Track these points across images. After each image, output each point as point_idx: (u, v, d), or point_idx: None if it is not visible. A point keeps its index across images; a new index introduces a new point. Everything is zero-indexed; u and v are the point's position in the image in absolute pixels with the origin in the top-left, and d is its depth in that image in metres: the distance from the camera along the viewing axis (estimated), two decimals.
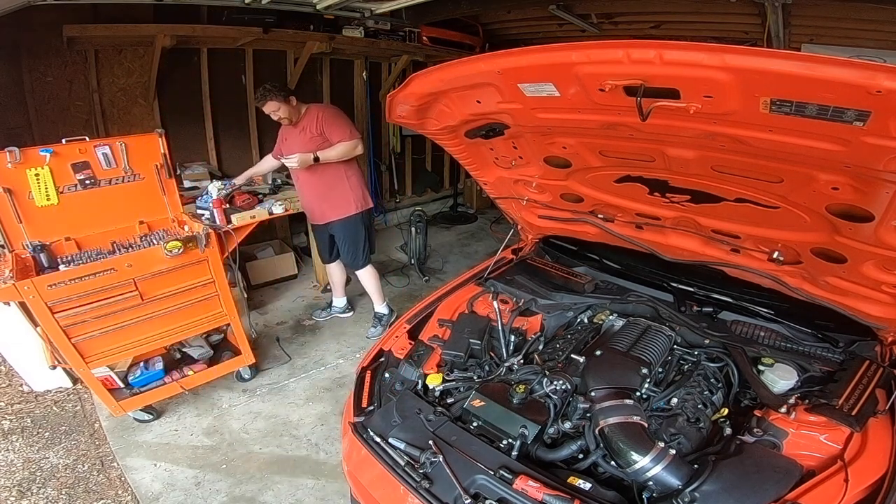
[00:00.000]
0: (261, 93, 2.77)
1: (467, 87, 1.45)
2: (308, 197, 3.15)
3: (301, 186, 3.15)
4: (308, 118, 2.91)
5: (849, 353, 1.57)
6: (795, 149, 1.08)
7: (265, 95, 2.75)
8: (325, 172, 3.01)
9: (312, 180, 3.05)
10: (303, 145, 2.90)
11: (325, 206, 3.14)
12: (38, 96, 3.27)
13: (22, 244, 2.29)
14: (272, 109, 2.81)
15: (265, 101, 2.77)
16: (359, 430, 1.44)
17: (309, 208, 3.22)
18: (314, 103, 3.02)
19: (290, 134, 2.98)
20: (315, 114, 2.91)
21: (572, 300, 1.98)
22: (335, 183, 3.08)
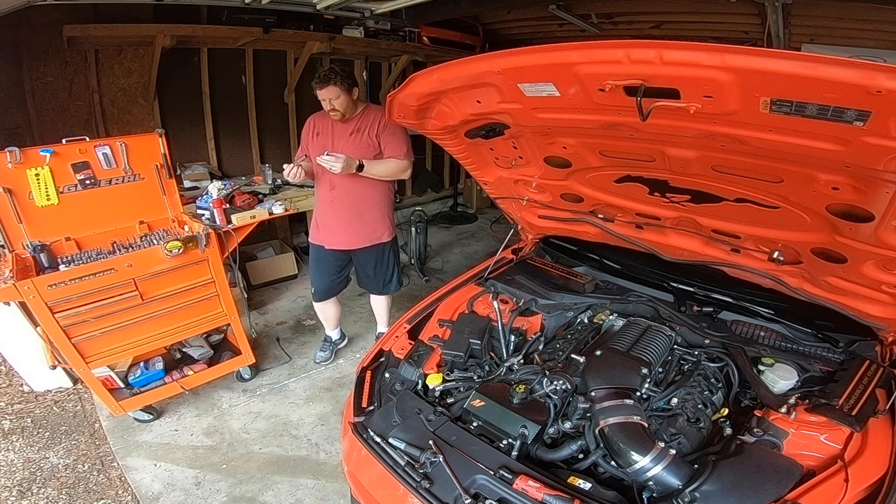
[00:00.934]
0: (324, 74, 2.32)
1: (467, 87, 1.45)
2: (332, 215, 2.62)
3: (326, 201, 2.60)
4: (365, 119, 2.49)
5: (849, 353, 1.57)
6: (795, 149, 1.08)
7: (329, 78, 2.31)
8: (364, 189, 2.55)
9: (346, 196, 2.56)
10: (353, 149, 2.44)
11: (356, 228, 2.64)
12: (38, 96, 3.27)
13: (22, 244, 2.29)
14: (330, 96, 2.35)
15: (327, 84, 2.31)
16: (359, 430, 1.44)
17: (329, 229, 2.66)
18: (372, 103, 2.62)
19: (339, 131, 2.50)
20: (375, 116, 2.50)
21: (572, 300, 1.98)
22: (373, 204, 2.62)
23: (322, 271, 2.82)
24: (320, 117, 2.55)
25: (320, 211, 2.68)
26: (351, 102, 2.43)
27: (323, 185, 2.59)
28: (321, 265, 2.80)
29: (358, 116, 2.50)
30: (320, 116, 2.54)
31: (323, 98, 2.37)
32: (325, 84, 2.33)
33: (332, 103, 2.37)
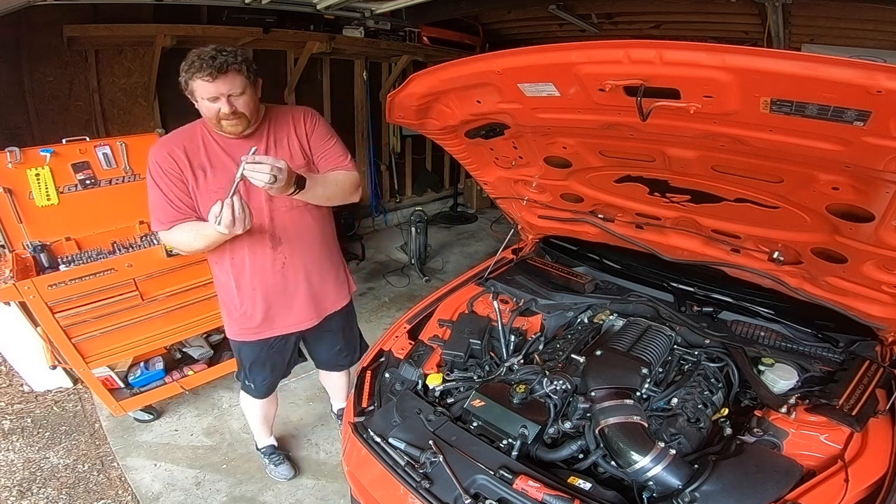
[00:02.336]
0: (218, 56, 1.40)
1: (467, 87, 1.45)
2: (285, 285, 1.77)
3: (269, 268, 1.72)
4: (276, 125, 1.66)
5: (849, 353, 1.57)
6: (796, 149, 1.08)
7: (228, 63, 1.41)
8: (316, 227, 1.79)
9: (300, 249, 1.75)
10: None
11: (324, 290, 1.89)
12: (38, 96, 3.27)
13: (22, 244, 2.30)
14: (231, 90, 1.45)
15: (225, 71, 1.41)
16: (359, 430, 1.44)
17: (284, 306, 1.81)
18: (269, 103, 1.70)
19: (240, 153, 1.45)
20: (290, 118, 1.69)
21: (572, 300, 1.98)
22: (333, 247, 1.92)
23: (267, 368, 1.97)
24: (190, 144, 1.57)
25: (261, 286, 1.74)
26: (257, 103, 1.57)
27: (258, 246, 1.67)
28: (267, 362, 1.94)
29: (266, 125, 1.64)
30: (188, 142, 1.57)
31: (213, 95, 1.44)
32: (221, 72, 1.40)
33: (234, 103, 1.47)
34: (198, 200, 1.60)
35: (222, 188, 1.49)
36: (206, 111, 1.49)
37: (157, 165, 1.56)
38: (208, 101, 1.46)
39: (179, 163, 1.56)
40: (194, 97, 1.48)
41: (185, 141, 1.58)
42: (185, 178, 1.57)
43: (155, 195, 1.58)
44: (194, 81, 1.43)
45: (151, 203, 1.60)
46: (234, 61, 1.43)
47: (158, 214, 1.60)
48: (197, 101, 1.48)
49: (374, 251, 5.06)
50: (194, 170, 1.57)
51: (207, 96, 1.45)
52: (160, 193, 1.56)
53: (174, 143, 1.58)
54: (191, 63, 1.42)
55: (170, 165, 1.55)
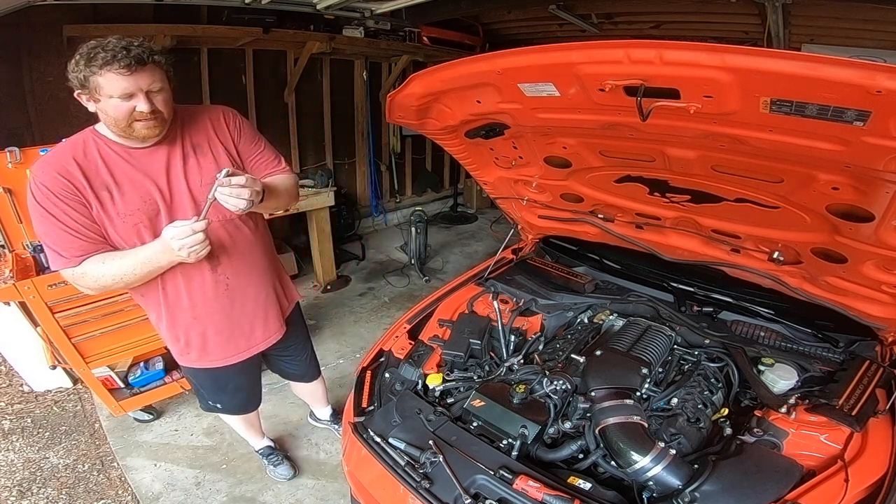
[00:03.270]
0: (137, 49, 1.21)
1: (467, 87, 1.45)
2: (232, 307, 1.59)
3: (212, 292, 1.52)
4: (192, 128, 1.45)
5: (849, 353, 1.57)
6: (796, 149, 1.08)
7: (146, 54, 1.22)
8: (258, 238, 1.62)
9: (245, 265, 1.58)
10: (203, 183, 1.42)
11: (276, 304, 1.74)
12: (38, 96, 3.27)
13: (22, 244, 2.30)
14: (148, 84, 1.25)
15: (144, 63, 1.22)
16: (359, 430, 1.44)
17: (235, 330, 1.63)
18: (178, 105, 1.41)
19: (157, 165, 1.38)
20: (206, 119, 1.49)
21: (572, 300, 1.98)
22: (273, 255, 1.75)
23: (230, 391, 1.82)
24: (83, 159, 1.31)
25: (204, 313, 1.54)
26: (173, 102, 1.35)
27: (195, 270, 1.47)
28: (228, 386, 1.80)
29: (177, 129, 1.42)
30: (81, 158, 1.31)
31: (130, 91, 1.22)
32: (140, 63, 1.21)
33: (154, 100, 1.27)
34: (105, 227, 1.34)
35: (136, 210, 1.34)
36: (114, 111, 1.24)
37: (44, 189, 1.25)
38: (120, 98, 1.22)
39: (76, 182, 1.28)
40: (97, 95, 1.23)
41: (75, 156, 1.30)
42: (86, 202, 1.29)
43: (48, 226, 1.27)
44: (103, 76, 1.19)
45: (46, 235, 1.29)
46: (153, 52, 1.24)
47: (59, 248, 1.29)
48: (100, 99, 1.23)
49: (374, 251, 5.06)
50: (96, 191, 1.30)
51: (120, 93, 1.21)
52: (56, 223, 1.27)
53: (62, 161, 1.28)
54: (95, 54, 1.19)
55: (62, 187, 1.26)
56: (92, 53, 1.20)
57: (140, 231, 1.36)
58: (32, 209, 1.29)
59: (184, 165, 1.40)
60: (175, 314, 1.53)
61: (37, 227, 1.32)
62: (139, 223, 1.35)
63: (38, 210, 1.28)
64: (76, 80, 1.24)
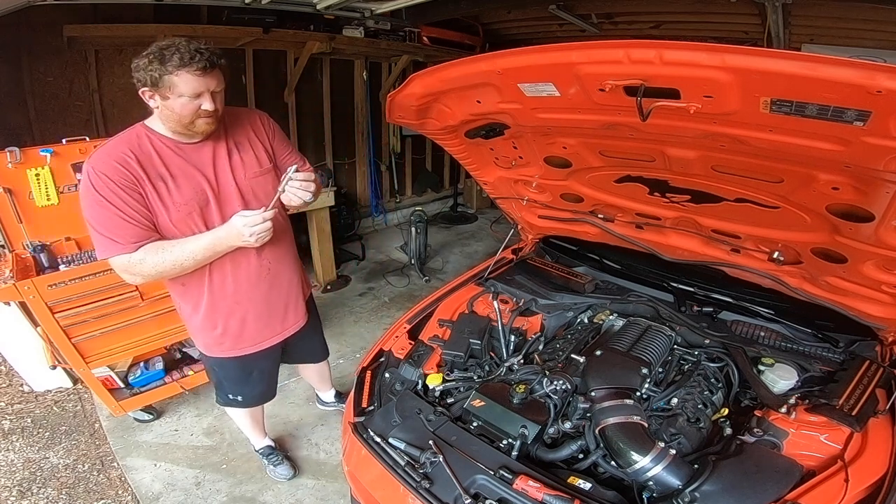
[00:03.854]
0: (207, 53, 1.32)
1: (467, 87, 1.45)
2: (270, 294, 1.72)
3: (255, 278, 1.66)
4: (235, 125, 1.59)
5: (849, 353, 1.57)
6: (796, 149, 1.08)
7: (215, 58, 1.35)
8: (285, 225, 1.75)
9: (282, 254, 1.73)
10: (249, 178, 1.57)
11: (301, 293, 1.87)
12: (38, 96, 3.27)
13: (22, 244, 2.30)
14: (214, 86, 1.37)
15: (213, 67, 1.35)
16: (359, 430, 1.44)
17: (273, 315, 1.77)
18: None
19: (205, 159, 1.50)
20: (244, 118, 1.63)
21: (572, 300, 1.98)
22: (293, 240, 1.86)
23: (254, 379, 1.90)
24: (139, 152, 1.40)
25: (246, 298, 1.66)
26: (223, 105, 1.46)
27: (242, 256, 1.60)
28: (253, 373, 1.87)
29: (221, 127, 1.53)
30: (137, 150, 1.40)
31: (200, 90, 1.34)
32: (212, 66, 1.34)
33: (214, 100, 1.38)
34: (158, 215, 1.43)
35: (190, 200, 1.45)
36: (182, 109, 1.35)
37: (104, 178, 1.33)
38: (189, 97, 1.33)
39: (133, 172, 1.36)
40: (168, 93, 1.32)
41: (131, 148, 1.39)
42: (143, 191, 1.39)
43: (105, 213, 1.35)
44: (178, 76, 1.29)
45: (101, 223, 1.36)
46: (219, 56, 1.36)
47: (116, 234, 1.36)
48: (170, 97, 1.33)
49: (374, 251, 5.06)
50: (153, 181, 1.40)
51: (192, 92, 1.32)
52: (114, 210, 1.35)
53: (121, 151, 1.37)
54: (170, 55, 1.28)
55: (122, 176, 1.35)
56: (167, 55, 1.29)
57: (193, 218, 1.47)
58: (88, 197, 1.35)
59: (229, 160, 1.53)
60: (217, 301, 1.63)
61: (91, 214, 1.37)
62: (192, 211, 1.46)
63: (94, 198, 1.34)
64: (147, 78, 1.31)
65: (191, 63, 1.29)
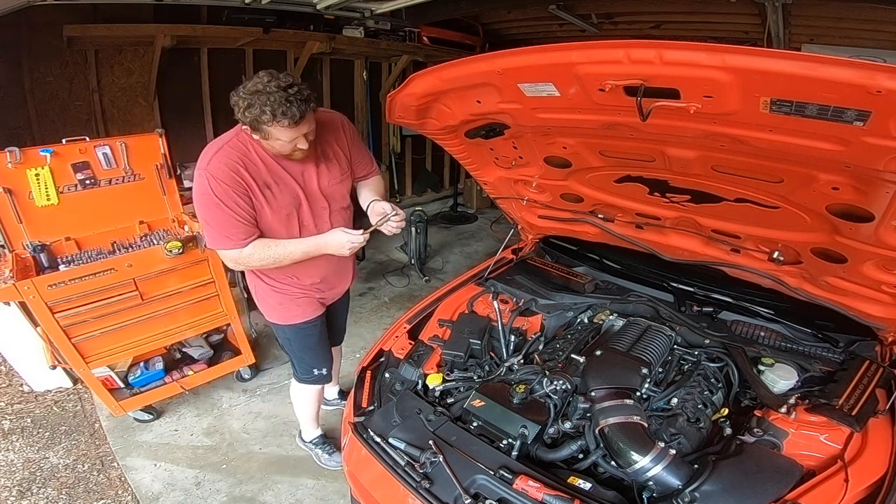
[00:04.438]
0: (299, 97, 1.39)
1: (467, 87, 1.45)
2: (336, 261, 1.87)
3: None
4: (323, 140, 1.69)
5: (849, 353, 1.57)
6: (795, 149, 1.08)
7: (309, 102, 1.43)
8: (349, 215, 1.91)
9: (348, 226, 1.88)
10: (334, 185, 1.75)
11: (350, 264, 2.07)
12: (38, 96, 3.27)
13: (22, 244, 2.29)
14: (309, 129, 1.50)
15: (307, 113, 1.43)
16: (359, 430, 1.44)
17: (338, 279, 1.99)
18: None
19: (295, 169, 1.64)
20: (327, 125, 1.70)
21: (572, 300, 1.98)
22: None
23: (326, 345, 2.06)
24: (247, 161, 1.55)
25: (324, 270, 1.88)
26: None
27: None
28: (322, 337, 2.02)
29: (321, 135, 1.67)
30: (245, 159, 1.55)
31: (294, 137, 1.47)
32: (304, 115, 1.42)
33: (308, 138, 1.51)
34: (260, 215, 1.62)
35: (288, 203, 1.66)
36: (280, 147, 1.51)
37: (219, 183, 1.51)
38: (285, 142, 1.48)
39: (245, 179, 1.55)
40: (266, 137, 1.47)
41: (241, 157, 1.55)
42: (252, 195, 1.57)
43: (220, 213, 1.54)
44: (273, 127, 1.42)
45: (216, 222, 1.56)
46: (310, 102, 1.44)
47: (230, 232, 1.57)
48: (268, 139, 1.48)
49: (374, 251, 5.05)
50: (260, 187, 1.58)
51: (287, 139, 1.47)
52: (228, 211, 1.53)
53: (233, 159, 1.54)
54: (262, 107, 1.37)
55: (234, 182, 1.53)
56: (261, 109, 1.38)
57: (290, 219, 1.69)
58: (206, 199, 1.54)
59: (316, 170, 1.70)
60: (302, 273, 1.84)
61: (208, 214, 1.56)
62: (289, 213, 1.68)
63: (212, 201, 1.53)
64: (247, 122, 1.44)
65: (282, 118, 1.39)
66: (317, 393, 2.23)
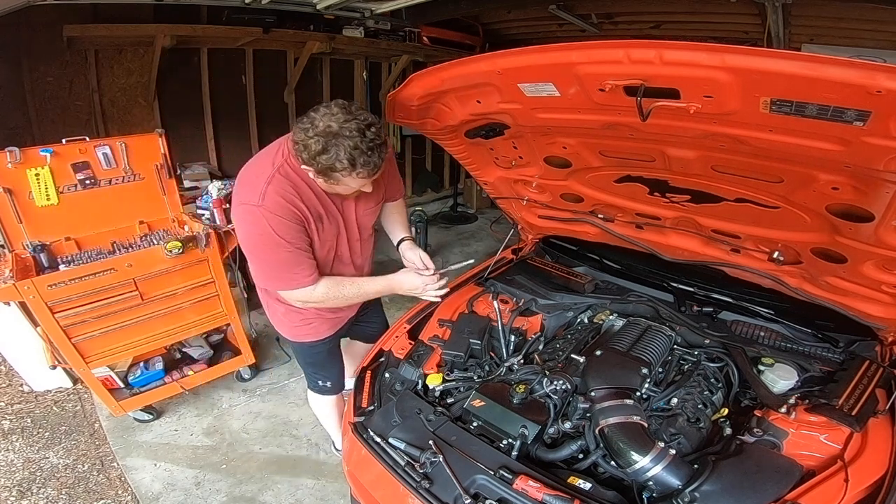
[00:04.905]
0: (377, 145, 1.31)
1: (467, 87, 1.45)
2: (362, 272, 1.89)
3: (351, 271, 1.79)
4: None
5: (849, 353, 1.57)
6: (795, 149, 1.08)
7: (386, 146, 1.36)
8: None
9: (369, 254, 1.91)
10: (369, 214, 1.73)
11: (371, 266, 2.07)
12: (38, 96, 3.28)
13: (22, 244, 2.29)
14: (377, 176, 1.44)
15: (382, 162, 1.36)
16: (359, 430, 1.44)
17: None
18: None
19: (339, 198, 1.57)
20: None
21: (572, 300, 1.98)
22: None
23: (334, 360, 2.02)
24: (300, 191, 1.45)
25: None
26: None
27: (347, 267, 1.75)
28: (331, 354, 1.99)
29: None
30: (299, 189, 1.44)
31: (364, 185, 1.42)
32: (377, 169, 1.36)
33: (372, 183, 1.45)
34: (318, 241, 1.54)
35: (333, 233, 1.59)
36: (342, 191, 1.44)
37: (279, 218, 1.39)
38: (355, 187, 1.42)
39: (301, 210, 1.44)
40: (333, 182, 1.36)
41: (294, 187, 1.43)
42: (308, 226, 1.48)
43: (286, 253, 1.42)
44: (348, 177, 1.32)
45: (280, 262, 1.45)
46: (386, 143, 1.36)
47: (296, 271, 1.47)
48: (333, 184, 1.39)
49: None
50: (314, 220, 1.49)
51: (358, 186, 1.41)
52: (292, 248, 1.43)
53: (287, 191, 1.41)
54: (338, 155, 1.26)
55: (293, 215, 1.42)
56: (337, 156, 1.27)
57: (329, 251, 1.62)
58: (265, 240, 1.40)
59: (356, 200, 1.63)
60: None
61: (270, 255, 1.44)
62: (332, 242, 1.61)
63: (272, 240, 1.40)
64: (317, 167, 1.32)
65: (363, 168, 1.30)
66: (333, 402, 2.13)
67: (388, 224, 1.93)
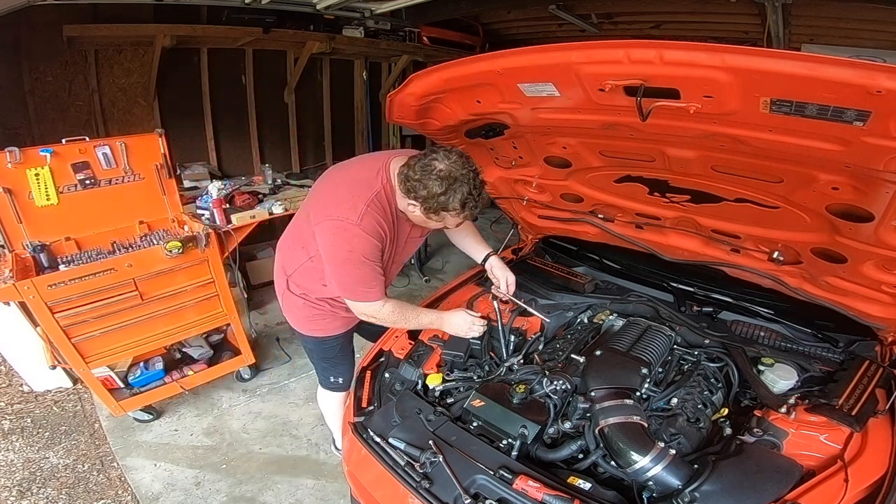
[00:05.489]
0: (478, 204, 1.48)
1: (467, 87, 1.45)
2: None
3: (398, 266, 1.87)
4: None
5: (849, 353, 1.57)
6: (795, 149, 1.08)
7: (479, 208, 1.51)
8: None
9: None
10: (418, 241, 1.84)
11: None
12: (38, 96, 3.27)
13: (22, 244, 2.29)
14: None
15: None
16: (359, 430, 1.44)
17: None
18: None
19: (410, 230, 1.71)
20: None
21: (572, 300, 1.98)
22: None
23: (346, 357, 2.06)
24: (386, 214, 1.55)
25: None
26: None
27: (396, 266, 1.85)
28: (343, 350, 2.03)
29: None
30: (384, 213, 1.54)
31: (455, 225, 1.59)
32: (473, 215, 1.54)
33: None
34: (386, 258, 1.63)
35: (388, 258, 1.66)
36: (433, 224, 1.57)
37: (370, 240, 1.50)
38: (447, 225, 1.56)
39: (385, 234, 1.55)
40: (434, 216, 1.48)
41: (384, 213, 1.53)
42: (384, 250, 1.58)
43: (368, 270, 1.53)
44: (453, 216, 1.47)
45: (361, 277, 1.54)
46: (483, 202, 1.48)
47: (371, 286, 1.57)
48: (431, 219, 1.49)
49: None
50: (389, 242, 1.60)
51: (453, 224, 1.56)
52: (374, 266, 1.53)
53: (380, 215, 1.52)
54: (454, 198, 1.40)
55: (381, 238, 1.53)
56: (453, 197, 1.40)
57: (384, 268, 1.64)
58: (354, 256, 1.50)
59: (411, 228, 1.70)
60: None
61: (354, 270, 1.53)
62: (387, 262, 1.65)
63: (358, 258, 1.50)
64: (429, 205, 1.43)
65: (469, 211, 1.45)
66: (341, 399, 2.11)
67: (465, 245, 1.98)
